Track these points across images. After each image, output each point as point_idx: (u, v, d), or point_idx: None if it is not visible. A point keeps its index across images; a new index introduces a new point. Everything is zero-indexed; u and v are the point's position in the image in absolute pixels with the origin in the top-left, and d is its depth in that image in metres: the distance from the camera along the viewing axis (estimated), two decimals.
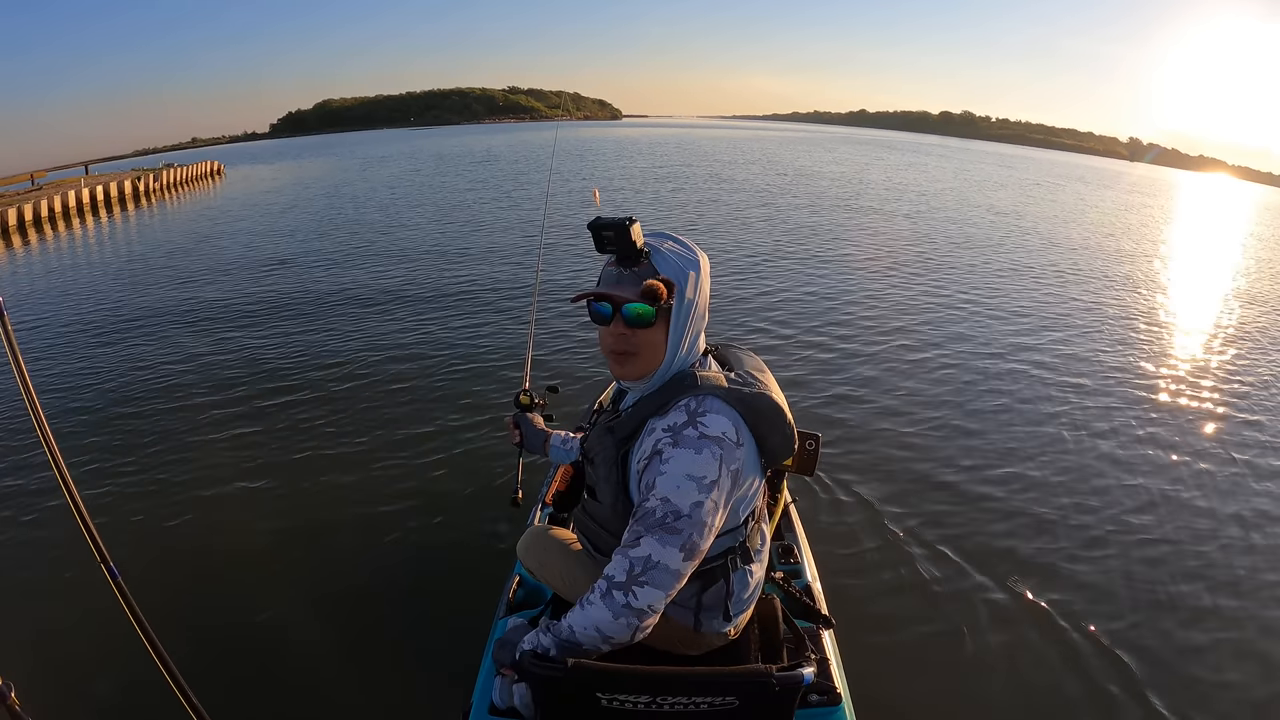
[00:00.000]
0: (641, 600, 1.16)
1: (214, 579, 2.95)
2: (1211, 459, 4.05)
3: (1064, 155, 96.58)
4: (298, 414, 4.48)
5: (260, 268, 8.75)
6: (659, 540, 1.15)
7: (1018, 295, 7.66)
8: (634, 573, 1.16)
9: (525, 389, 1.88)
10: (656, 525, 1.16)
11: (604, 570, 1.21)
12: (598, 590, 1.19)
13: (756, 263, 8.94)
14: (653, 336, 1.23)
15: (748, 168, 25.20)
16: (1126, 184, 34.60)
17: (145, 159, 38.40)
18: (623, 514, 1.27)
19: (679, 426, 1.18)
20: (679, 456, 1.16)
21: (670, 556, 1.15)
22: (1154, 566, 3.03)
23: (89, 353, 5.94)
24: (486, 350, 5.55)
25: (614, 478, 1.29)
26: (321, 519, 3.34)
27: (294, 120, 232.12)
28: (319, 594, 2.81)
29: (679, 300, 1.23)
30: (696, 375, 1.24)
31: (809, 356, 5.47)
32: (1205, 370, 5.69)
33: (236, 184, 24.26)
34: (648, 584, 1.16)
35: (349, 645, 2.53)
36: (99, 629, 2.39)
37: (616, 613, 1.17)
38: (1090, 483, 3.69)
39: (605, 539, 1.35)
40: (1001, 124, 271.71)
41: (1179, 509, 3.49)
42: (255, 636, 2.59)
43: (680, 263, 1.23)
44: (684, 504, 1.15)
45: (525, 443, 1.82)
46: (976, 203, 17.35)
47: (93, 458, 3.97)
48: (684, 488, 1.15)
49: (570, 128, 61.92)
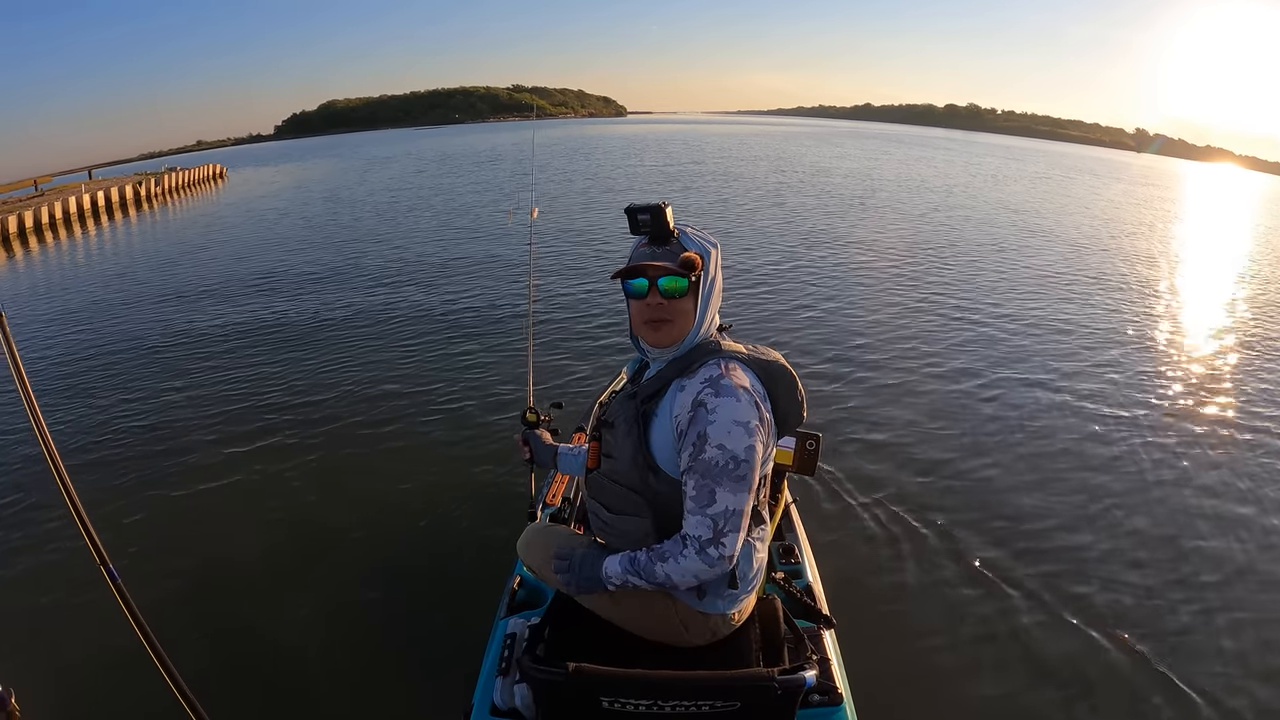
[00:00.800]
0: (730, 548, 1.28)
1: (215, 581, 2.96)
2: (1238, 465, 3.96)
3: (1071, 147, 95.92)
4: (296, 419, 4.49)
5: (255, 278, 8.70)
6: (730, 491, 1.26)
7: (1025, 298, 7.53)
8: (719, 527, 1.27)
9: (531, 406, 1.89)
10: (723, 475, 1.25)
11: (684, 530, 1.30)
12: (693, 544, 1.28)
13: (763, 260, 8.94)
14: (684, 305, 1.35)
15: (755, 164, 24.94)
16: (1138, 177, 33.99)
17: (148, 163, 38.50)
18: (642, 465, 1.36)
19: (716, 379, 1.29)
20: (724, 405, 1.26)
21: (742, 502, 1.28)
22: (1158, 568, 3.01)
23: (88, 358, 5.99)
24: (483, 360, 5.50)
25: (634, 434, 1.37)
26: (322, 522, 3.35)
27: (298, 122, 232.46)
28: (320, 595, 2.82)
29: (705, 273, 1.36)
30: (720, 342, 1.37)
31: (811, 356, 5.47)
32: (1232, 379, 5.45)
33: (238, 188, 24.34)
34: (730, 531, 1.28)
35: (350, 646, 2.53)
36: (99, 633, 2.41)
37: (712, 563, 1.28)
38: (1095, 485, 3.67)
39: (622, 496, 1.42)
40: (1007, 116, 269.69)
41: (1195, 516, 3.44)
42: (256, 639, 2.60)
43: (703, 243, 1.37)
44: (739, 449, 1.25)
45: (536, 458, 1.83)
46: (989, 199, 17.13)
47: (92, 462, 4.00)
48: (734, 433, 1.25)
49: (576, 125, 61.80)
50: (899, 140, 54.80)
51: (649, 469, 1.37)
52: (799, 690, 1.29)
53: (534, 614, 1.69)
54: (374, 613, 2.72)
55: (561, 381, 4.94)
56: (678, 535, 1.32)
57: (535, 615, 1.67)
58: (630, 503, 1.42)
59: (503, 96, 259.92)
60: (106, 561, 1.25)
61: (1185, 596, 2.83)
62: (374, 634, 2.60)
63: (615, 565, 1.39)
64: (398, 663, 2.44)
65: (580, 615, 1.53)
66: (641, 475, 1.38)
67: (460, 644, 2.28)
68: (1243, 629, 2.64)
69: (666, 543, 1.34)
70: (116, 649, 2.32)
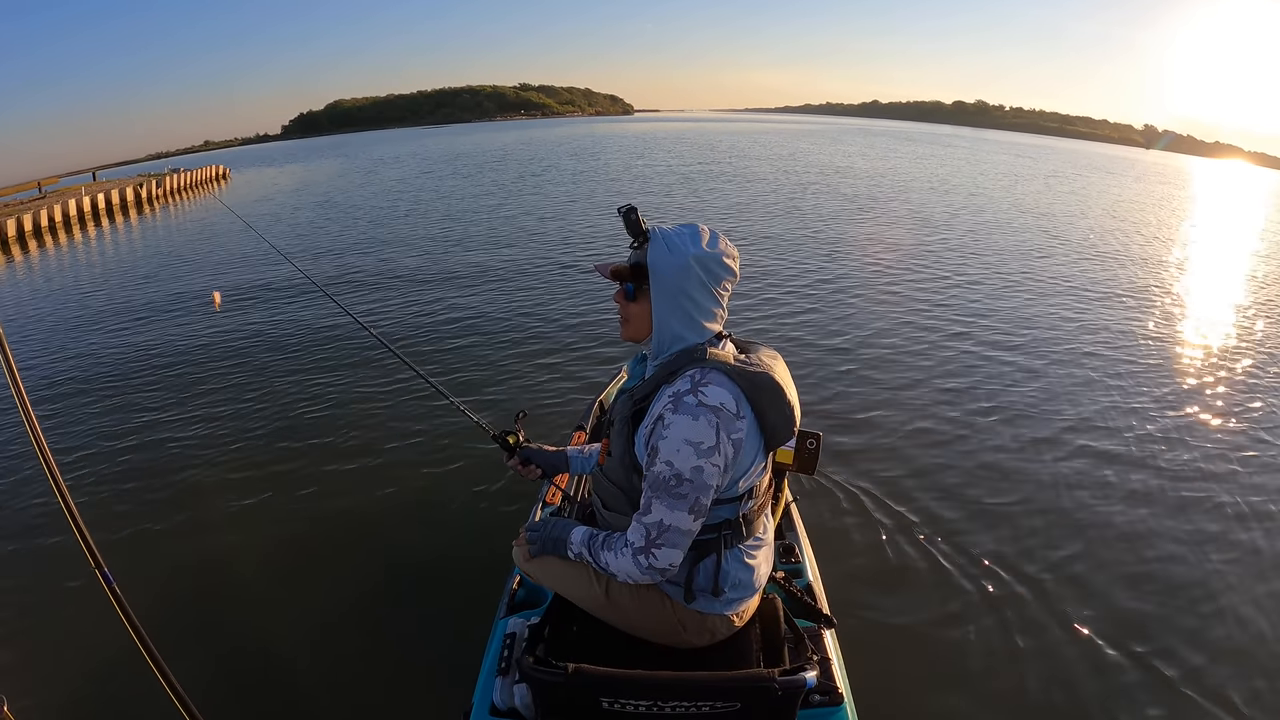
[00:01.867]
0: (661, 561, 1.31)
1: (211, 583, 2.95)
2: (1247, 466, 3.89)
3: (1081, 144, 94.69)
4: (295, 422, 4.49)
5: (254, 284, 8.67)
6: (668, 505, 1.27)
7: (1044, 303, 7.29)
8: (651, 537, 1.30)
9: (503, 431, 1.80)
10: (663, 489, 1.27)
11: (626, 534, 1.34)
12: (629, 548, 1.33)
13: (777, 258, 8.91)
14: (635, 309, 1.43)
15: (769, 163, 24.39)
16: (1153, 174, 32.99)
17: (155, 163, 38.62)
18: (629, 466, 1.38)
19: (681, 394, 1.28)
20: (677, 423, 1.26)
21: (680, 519, 1.28)
22: (1166, 574, 2.96)
23: (86, 362, 6.02)
24: (478, 362, 5.49)
25: (625, 433, 1.39)
26: (319, 523, 3.35)
27: (306, 121, 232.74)
28: (318, 596, 2.81)
29: (653, 280, 1.37)
30: (706, 350, 1.34)
31: (813, 355, 5.45)
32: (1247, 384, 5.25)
33: (239, 190, 24.35)
34: (664, 545, 1.30)
35: (349, 647, 2.53)
36: (94, 637, 2.41)
37: (643, 570, 1.32)
38: (1099, 487, 3.62)
39: (613, 494, 1.45)
40: (1015, 112, 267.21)
41: (1201, 518, 3.38)
42: (253, 641, 2.60)
43: (663, 246, 1.36)
44: (685, 468, 1.26)
45: (547, 472, 1.81)
46: (1010, 202, 16.45)
47: (88, 467, 4.00)
48: (683, 452, 1.25)
49: (584, 124, 61.30)
50: (910, 137, 54.00)
51: (634, 469, 1.37)
52: (799, 690, 1.28)
53: (533, 614, 1.68)
54: (373, 613, 2.71)
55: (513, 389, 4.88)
56: (623, 532, 1.37)
57: (535, 615, 1.67)
58: (619, 500, 1.43)
59: (509, 95, 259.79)
60: (101, 565, 1.25)
61: (1195, 598, 2.79)
62: (373, 634, 2.59)
63: (579, 535, 1.46)
64: (397, 663, 2.43)
65: (580, 615, 1.52)
66: (628, 474, 1.39)
67: (460, 644, 2.27)
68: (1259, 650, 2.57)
69: (619, 534, 1.38)
70: (111, 653, 2.34)
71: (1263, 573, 2.96)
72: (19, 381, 1.24)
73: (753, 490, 1.39)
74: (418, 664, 2.42)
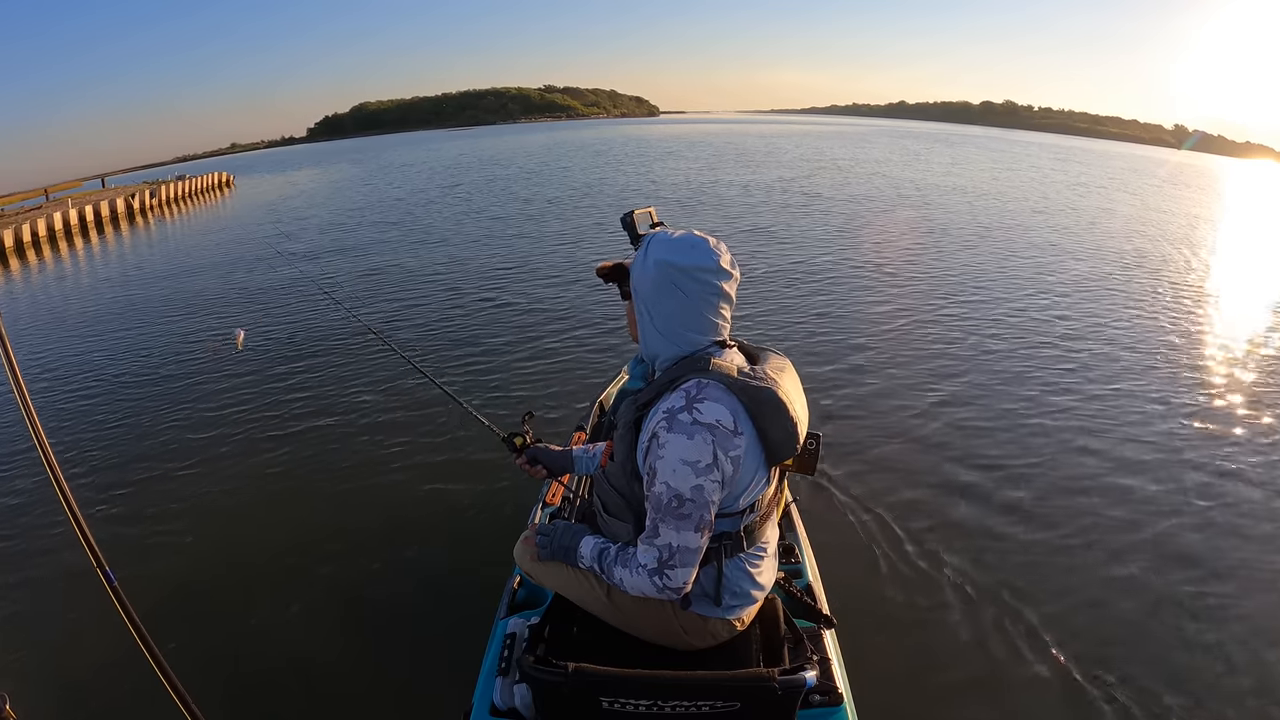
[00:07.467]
0: (676, 580, 1.30)
1: (213, 583, 2.97)
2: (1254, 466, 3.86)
3: (1113, 145, 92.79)
4: (294, 423, 4.52)
5: (254, 287, 8.74)
6: (674, 528, 1.26)
7: (1047, 304, 7.21)
8: (663, 559, 1.29)
9: (511, 432, 1.81)
10: (667, 513, 1.26)
11: (638, 555, 1.33)
12: (644, 568, 1.31)
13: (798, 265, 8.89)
14: (631, 311, 1.44)
15: (796, 165, 23.65)
16: (1190, 179, 30.69)
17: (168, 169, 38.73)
18: (631, 473, 1.36)
19: (675, 410, 1.25)
20: (672, 442, 1.24)
21: (689, 539, 1.28)
22: (1170, 579, 2.92)
23: (86, 364, 6.10)
24: (477, 364, 5.51)
25: (628, 438, 1.36)
26: (320, 523, 3.37)
27: (330, 124, 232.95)
28: (319, 597, 2.83)
29: (632, 286, 1.39)
30: (710, 360, 1.30)
31: (816, 354, 5.43)
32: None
33: (241, 198, 24.34)
34: (677, 566, 1.29)
35: (349, 647, 2.54)
36: (96, 636, 2.44)
37: (658, 589, 1.31)
38: (1107, 490, 3.57)
39: (614, 499, 1.44)
40: (1044, 113, 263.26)
41: (1205, 521, 3.33)
42: (255, 641, 2.61)
43: (640, 254, 1.37)
44: (684, 488, 1.24)
45: (552, 472, 1.82)
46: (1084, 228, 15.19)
47: (90, 467, 4.06)
48: (680, 472, 1.24)
49: (610, 125, 60.34)
50: (943, 140, 51.77)
51: (636, 477, 1.35)
52: (799, 690, 1.28)
53: (533, 614, 1.69)
54: (373, 613, 2.72)
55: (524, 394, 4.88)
56: (634, 548, 1.36)
57: (535, 615, 1.67)
58: (618, 505, 1.42)
59: (534, 97, 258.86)
60: (104, 565, 1.26)
61: (1200, 607, 2.74)
62: (373, 634, 2.60)
63: (590, 546, 1.44)
64: (397, 663, 2.45)
65: (580, 615, 1.52)
66: (628, 480, 1.37)
67: (460, 644, 2.28)
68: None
69: (631, 550, 1.37)
70: (113, 652, 2.35)
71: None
72: (20, 381, 1.25)
73: (754, 504, 1.36)
74: (418, 664, 2.44)
